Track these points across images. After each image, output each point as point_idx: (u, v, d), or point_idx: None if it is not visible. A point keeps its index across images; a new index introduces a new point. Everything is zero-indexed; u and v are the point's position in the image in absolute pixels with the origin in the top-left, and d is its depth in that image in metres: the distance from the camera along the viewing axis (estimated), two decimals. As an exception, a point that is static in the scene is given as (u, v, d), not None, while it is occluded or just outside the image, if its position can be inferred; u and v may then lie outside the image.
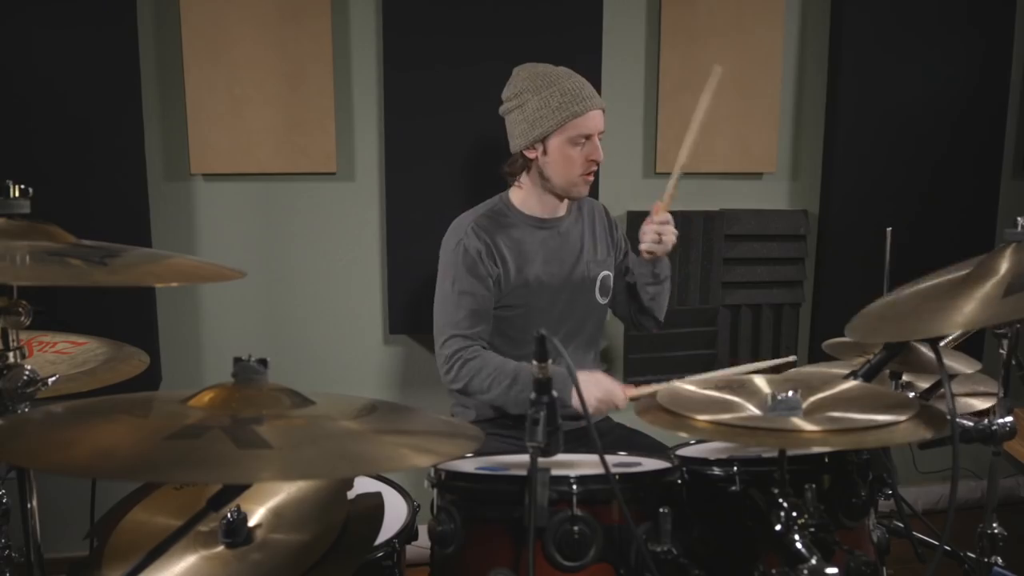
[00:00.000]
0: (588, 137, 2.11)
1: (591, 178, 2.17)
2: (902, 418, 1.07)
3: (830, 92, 2.94)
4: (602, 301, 2.28)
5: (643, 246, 2.17)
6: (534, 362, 1.13)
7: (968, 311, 1.17)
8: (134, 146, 2.45)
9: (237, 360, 1.13)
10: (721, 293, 2.94)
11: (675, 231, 2.19)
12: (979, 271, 1.26)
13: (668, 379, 1.61)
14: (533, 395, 1.15)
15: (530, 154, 2.15)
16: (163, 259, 1.19)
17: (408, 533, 1.45)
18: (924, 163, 2.98)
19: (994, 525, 1.39)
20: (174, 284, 1.11)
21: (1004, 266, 1.21)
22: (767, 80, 2.87)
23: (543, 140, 2.12)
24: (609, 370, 2.91)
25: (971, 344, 1.73)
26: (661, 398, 1.18)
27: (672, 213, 2.81)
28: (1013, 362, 1.59)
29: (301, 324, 2.68)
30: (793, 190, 3.00)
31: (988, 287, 1.21)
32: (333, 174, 2.63)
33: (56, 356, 1.65)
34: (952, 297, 1.23)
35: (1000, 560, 1.39)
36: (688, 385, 1.25)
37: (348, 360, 2.73)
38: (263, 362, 1.13)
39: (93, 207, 2.40)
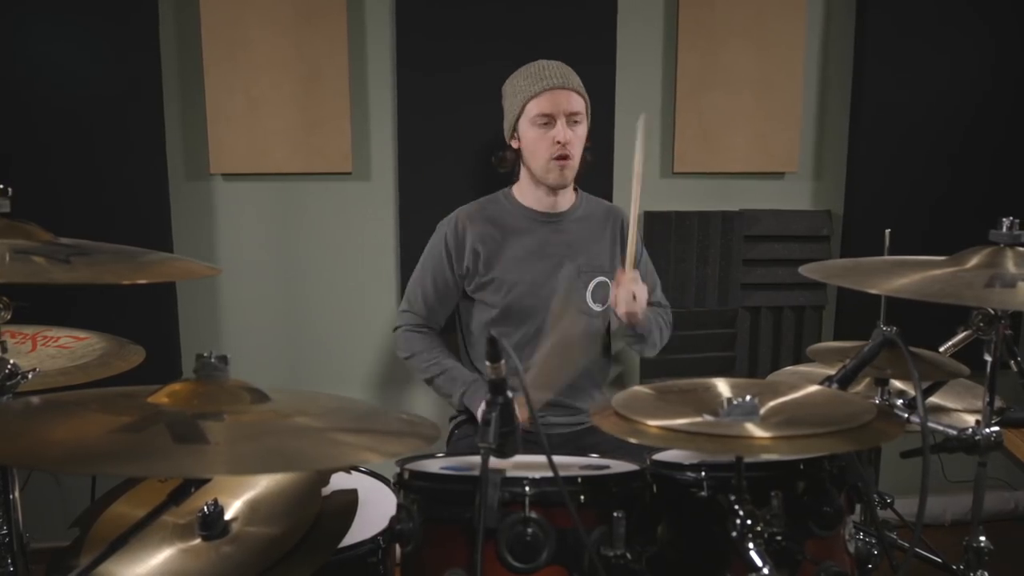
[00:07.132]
0: (552, 117, 2.08)
1: (565, 163, 2.12)
2: (856, 424, 1.04)
3: (855, 90, 2.86)
4: (596, 308, 2.24)
5: (620, 310, 2.07)
6: (487, 363, 1.13)
7: (904, 281, 1.21)
8: (155, 146, 2.52)
9: (199, 356, 1.15)
10: (740, 295, 2.89)
11: (644, 284, 2.10)
12: (954, 258, 1.29)
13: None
14: (488, 395, 1.15)
15: (515, 144, 2.18)
16: (133, 258, 1.22)
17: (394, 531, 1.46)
18: (952, 163, 2.89)
19: (981, 539, 1.35)
20: (142, 282, 1.13)
21: (973, 260, 1.20)
22: (788, 77, 2.81)
23: (516, 127, 2.14)
24: (624, 372, 2.90)
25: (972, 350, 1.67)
26: (616, 402, 1.16)
27: (690, 213, 2.80)
28: (1015, 369, 1.55)
29: (316, 321, 2.72)
30: (816, 190, 2.93)
31: (946, 269, 1.24)
32: (349, 174, 2.66)
33: (57, 350, 1.70)
34: (910, 270, 1.25)
35: (987, 574, 1.34)
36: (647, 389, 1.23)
37: (362, 357, 2.76)
38: (223, 359, 1.16)
39: (116, 206, 2.48)
